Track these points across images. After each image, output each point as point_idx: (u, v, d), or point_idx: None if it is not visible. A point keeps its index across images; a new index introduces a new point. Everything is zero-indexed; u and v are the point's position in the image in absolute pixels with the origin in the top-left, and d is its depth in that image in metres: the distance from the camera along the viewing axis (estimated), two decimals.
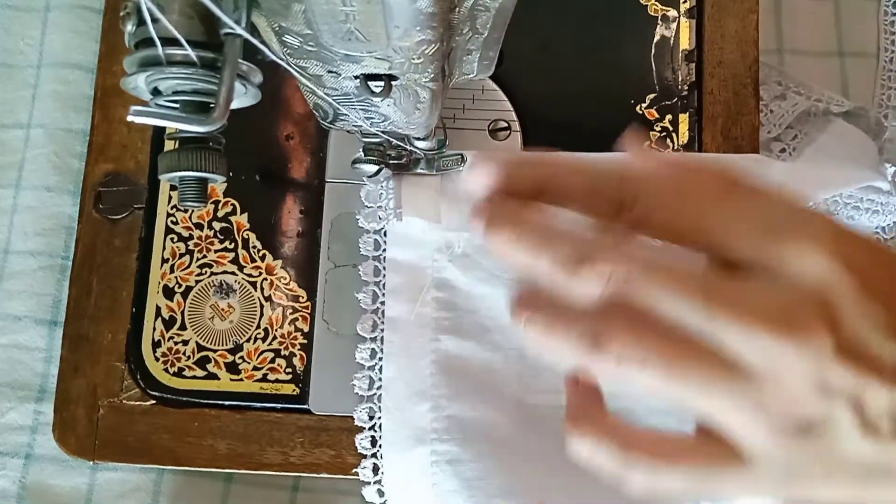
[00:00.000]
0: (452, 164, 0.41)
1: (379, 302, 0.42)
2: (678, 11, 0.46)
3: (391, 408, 0.41)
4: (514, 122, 0.44)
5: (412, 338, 0.42)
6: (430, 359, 0.41)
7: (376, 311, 0.42)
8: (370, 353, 0.42)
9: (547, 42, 0.46)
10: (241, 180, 0.45)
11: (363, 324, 0.42)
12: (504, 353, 0.42)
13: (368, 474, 0.41)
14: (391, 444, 0.41)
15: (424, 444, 0.40)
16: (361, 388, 0.41)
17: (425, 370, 0.41)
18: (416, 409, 0.41)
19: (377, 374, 0.41)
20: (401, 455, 0.41)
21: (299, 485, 0.48)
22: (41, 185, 0.49)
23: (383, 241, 0.43)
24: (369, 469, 0.41)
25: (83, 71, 0.50)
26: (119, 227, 0.44)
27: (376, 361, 0.42)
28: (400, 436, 0.41)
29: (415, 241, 0.42)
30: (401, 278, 0.42)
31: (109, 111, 0.46)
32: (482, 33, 0.29)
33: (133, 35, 0.23)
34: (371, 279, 0.42)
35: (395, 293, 0.42)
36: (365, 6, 0.22)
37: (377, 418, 0.41)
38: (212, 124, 0.23)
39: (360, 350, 0.42)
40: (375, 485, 0.41)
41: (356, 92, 0.28)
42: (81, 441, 0.43)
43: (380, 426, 0.41)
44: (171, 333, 0.43)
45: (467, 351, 0.41)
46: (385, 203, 0.43)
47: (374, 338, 0.42)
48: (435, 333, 0.42)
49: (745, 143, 0.44)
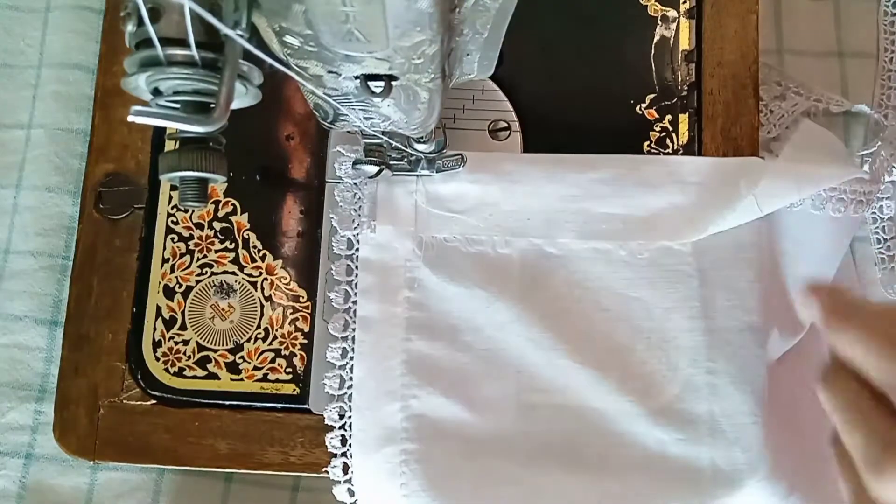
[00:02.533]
0: (452, 165, 0.42)
1: (351, 301, 0.42)
2: (678, 12, 0.46)
3: (361, 407, 0.41)
4: (514, 122, 0.44)
5: (384, 337, 0.42)
6: (401, 358, 0.41)
7: (348, 310, 0.42)
8: (341, 352, 0.42)
9: (547, 42, 0.46)
10: (241, 180, 0.45)
11: (335, 323, 0.42)
12: (475, 353, 0.42)
13: (339, 473, 0.41)
14: (361, 443, 0.41)
15: (394, 443, 0.41)
16: (332, 387, 0.42)
17: (396, 370, 0.41)
18: (386, 408, 0.41)
19: (348, 373, 0.42)
20: (370, 454, 0.41)
21: (299, 485, 0.48)
22: (42, 185, 0.49)
23: (356, 240, 0.43)
24: (339, 468, 0.41)
25: (84, 71, 0.50)
26: (119, 227, 0.44)
27: (347, 361, 0.42)
28: (370, 435, 0.41)
29: (388, 241, 0.42)
30: (373, 278, 0.42)
31: (110, 111, 0.46)
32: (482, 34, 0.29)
33: (133, 35, 0.23)
34: (343, 278, 0.43)
35: (367, 293, 0.42)
36: (365, 6, 0.22)
37: (347, 417, 0.41)
38: (212, 124, 0.23)
39: (330, 349, 0.42)
40: (346, 484, 0.41)
41: (356, 92, 0.28)
42: (82, 441, 0.43)
43: (350, 425, 0.41)
44: (172, 333, 0.43)
45: (438, 351, 0.42)
46: (359, 208, 0.43)
47: (346, 337, 0.42)
48: (406, 333, 0.42)
49: (744, 143, 0.44)
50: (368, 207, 0.43)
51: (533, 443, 0.41)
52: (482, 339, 0.42)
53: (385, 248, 0.42)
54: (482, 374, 0.42)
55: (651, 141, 0.45)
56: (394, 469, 0.40)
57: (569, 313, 0.42)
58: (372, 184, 0.43)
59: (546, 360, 0.41)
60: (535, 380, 0.41)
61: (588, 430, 0.41)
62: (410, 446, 0.41)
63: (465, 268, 0.42)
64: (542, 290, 0.42)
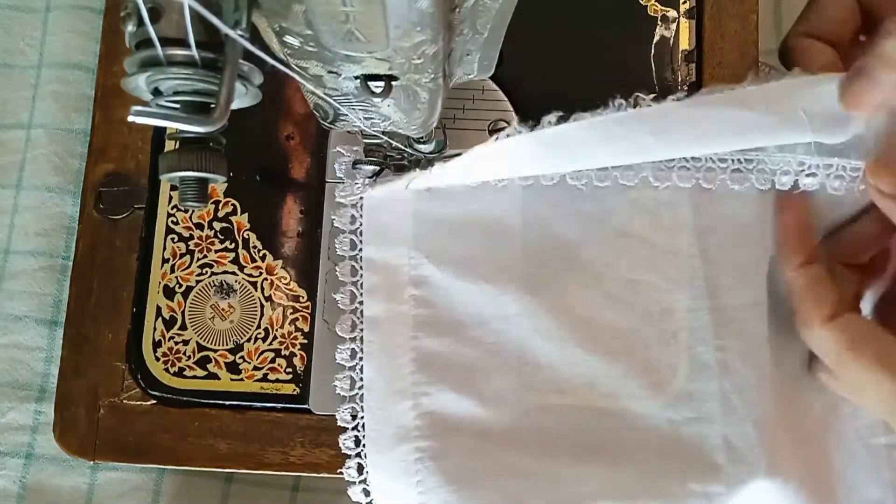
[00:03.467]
0: None
1: (357, 302, 0.42)
2: (678, 12, 0.46)
3: (373, 407, 0.41)
4: (515, 121, 0.44)
5: (391, 336, 0.42)
6: (410, 357, 0.41)
7: (355, 310, 0.42)
8: (350, 353, 0.42)
9: (547, 42, 0.46)
10: (241, 180, 0.45)
11: (342, 324, 0.42)
12: (483, 347, 0.42)
13: (353, 474, 0.41)
14: (374, 442, 0.41)
15: (407, 441, 0.41)
16: (343, 388, 0.41)
17: (405, 368, 0.41)
18: (397, 407, 0.41)
19: (358, 373, 0.42)
20: (384, 454, 0.41)
21: (299, 485, 0.48)
22: (42, 185, 0.49)
23: (359, 240, 0.43)
24: (354, 469, 0.41)
25: (84, 71, 0.50)
26: (119, 227, 0.44)
27: (357, 361, 0.42)
28: (383, 434, 0.41)
29: (391, 239, 0.42)
30: (378, 277, 0.42)
31: (110, 111, 0.46)
32: (482, 34, 0.29)
33: (133, 35, 0.23)
34: (348, 279, 0.42)
35: (372, 292, 0.42)
36: (365, 6, 0.22)
37: (360, 418, 0.41)
38: (212, 124, 0.23)
39: (339, 351, 0.42)
40: (361, 484, 0.41)
41: (356, 92, 0.28)
42: (82, 441, 0.43)
43: (363, 426, 0.41)
44: (172, 333, 0.43)
45: (446, 347, 0.41)
46: (360, 208, 0.43)
47: (354, 338, 0.42)
48: (414, 331, 0.42)
49: None
50: (369, 207, 0.43)
51: (546, 434, 0.41)
52: (489, 332, 0.42)
53: (388, 242, 0.42)
54: (492, 368, 0.41)
55: None
56: (408, 467, 0.40)
57: (575, 301, 0.42)
58: (372, 184, 0.43)
59: (554, 350, 0.41)
60: (544, 370, 0.41)
61: (600, 417, 0.41)
62: (424, 444, 0.41)
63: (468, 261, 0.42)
64: (548, 281, 0.42)
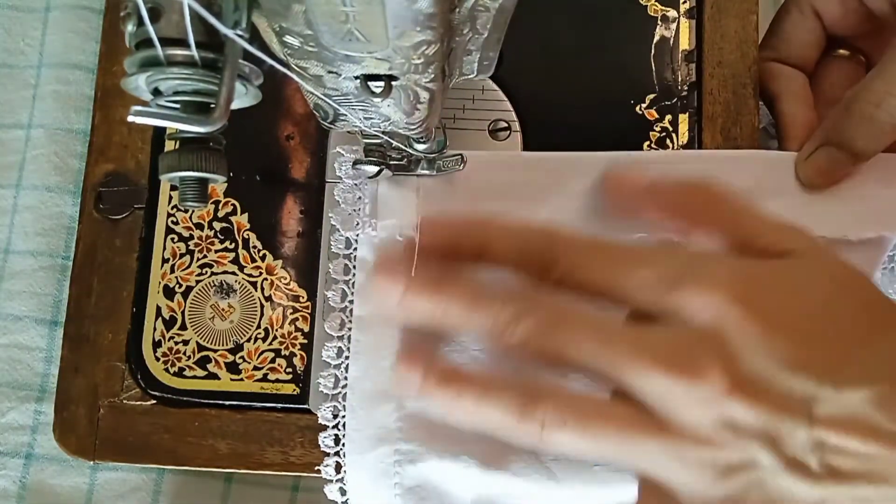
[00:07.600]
0: (452, 165, 0.41)
1: (347, 301, 0.42)
2: (678, 12, 0.46)
3: (355, 407, 0.41)
4: (514, 122, 0.44)
5: (379, 337, 0.42)
6: None
7: (344, 309, 0.42)
8: (336, 351, 0.42)
9: (547, 42, 0.46)
10: (241, 180, 0.45)
11: (331, 322, 0.42)
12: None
13: (331, 472, 0.41)
14: (354, 442, 0.41)
15: (388, 443, 0.41)
16: (326, 386, 0.42)
17: (391, 370, 0.41)
18: (380, 408, 0.41)
19: (342, 372, 0.42)
20: (364, 454, 0.41)
21: (299, 485, 0.48)
22: (41, 185, 0.49)
23: (354, 239, 0.43)
24: (332, 467, 0.41)
25: (83, 71, 0.50)
26: (119, 227, 0.44)
27: (342, 360, 0.42)
28: (363, 434, 0.41)
29: (385, 241, 0.42)
30: None
31: (110, 111, 0.46)
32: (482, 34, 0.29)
33: (133, 35, 0.23)
34: (340, 277, 0.43)
35: (363, 292, 0.42)
36: (365, 6, 0.22)
37: (341, 417, 0.41)
38: (212, 125, 0.23)
39: (326, 348, 0.42)
40: (337, 483, 0.41)
41: (356, 92, 0.28)
42: (81, 441, 0.43)
43: (343, 425, 0.41)
44: (172, 333, 0.43)
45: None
46: (360, 207, 0.43)
47: (342, 336, 0.42)
48: (401, 334, 0.42)
49: (744, 143, 0.44)
50: (369, 207, 0.43)
51: None
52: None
53: (383, 244, 0.42)
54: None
55: (651, 141, 0.45)
56: (387, 469, 0.40)
57: None
58: (372, 184, 0.43)
59: None
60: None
61: None
62: (405, 446, 0.41)
63: None
64: None
